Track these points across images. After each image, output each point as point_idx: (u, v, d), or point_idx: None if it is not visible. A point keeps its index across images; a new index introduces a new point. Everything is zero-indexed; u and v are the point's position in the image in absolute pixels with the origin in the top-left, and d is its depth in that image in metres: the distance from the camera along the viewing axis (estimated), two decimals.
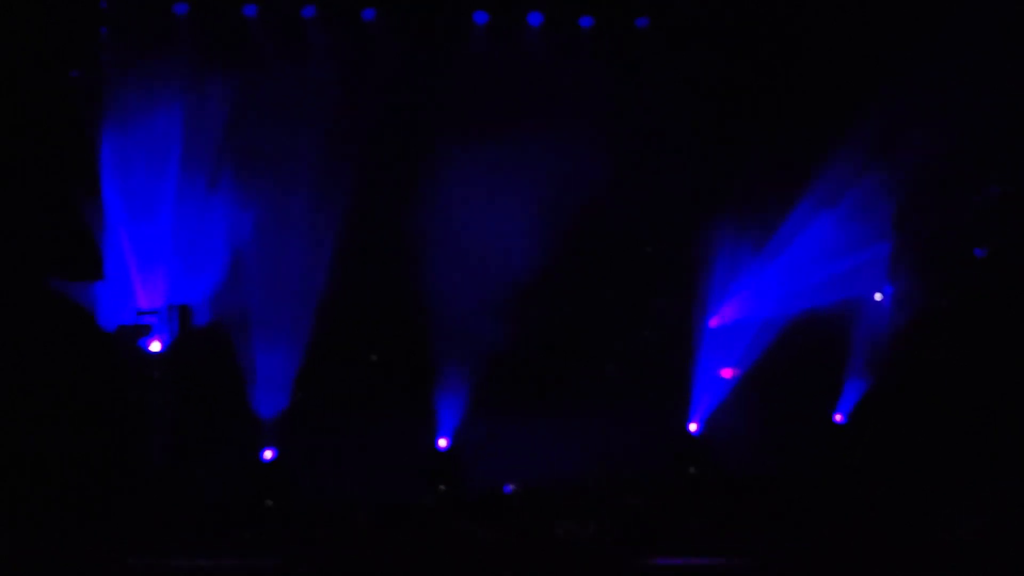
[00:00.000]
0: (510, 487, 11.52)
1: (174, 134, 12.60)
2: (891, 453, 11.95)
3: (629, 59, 13.71)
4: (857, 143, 12.48)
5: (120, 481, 11.11)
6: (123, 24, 12.30)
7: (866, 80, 12.23)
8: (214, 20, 12.90)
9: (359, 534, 10.62)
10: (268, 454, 11.96)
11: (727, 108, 13.23)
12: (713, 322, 13.08)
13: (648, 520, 10.74)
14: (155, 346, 12.13)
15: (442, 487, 11.93)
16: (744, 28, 13.26)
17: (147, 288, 12.52)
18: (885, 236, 12.69)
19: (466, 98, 13.30)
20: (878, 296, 13.04)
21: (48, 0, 11.12)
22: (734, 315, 13.10)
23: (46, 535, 9.81)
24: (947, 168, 12.29)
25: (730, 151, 13.08)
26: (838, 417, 12.80)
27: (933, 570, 9.29)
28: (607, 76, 13.64)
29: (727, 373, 12.90)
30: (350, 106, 13.12)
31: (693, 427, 12.68)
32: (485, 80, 13.47)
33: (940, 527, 9.93)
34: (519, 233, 12.96)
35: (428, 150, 13.18)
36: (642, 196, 13.72)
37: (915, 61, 11.87)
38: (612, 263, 13.93)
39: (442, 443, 12.30)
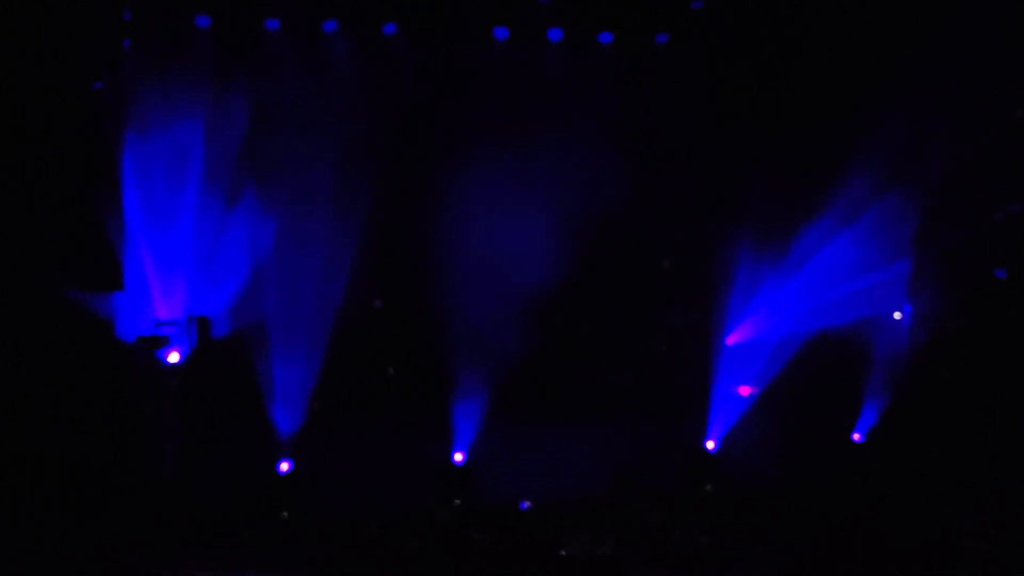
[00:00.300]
0: (526, 504, 11.49)
1: (195, 146, 12.66)
2: (910, 472, 11.86)
3: (649, 75, 13.74)
4: (878, 161, 12.44)
5: (136, 490, 11.13)
6: (146, 36, 12.37)
7: (888, 99, 12.20)
8: (236, 33, 12.97)
9: (374, 547, 10.60)
10: (284, 466, 11.94)
11: (748, 125, 13.23)
12: (731, 339, 13.04)
13: (663, 536, 10.69)
14: (173, 357, 12.16)
15: (457, 501, 11.89)
16: (766, 46, 13.27)
17: (166, 299, 12.56)
18: (905, 255, 12.62)
19: (486, 112, 13.36)
20: (897, 315, 12.96)
21: (73, 12, 11.15)
22: (752, 332, 13.05)
23: (62, 542, 9.83)
24: (968, 187, 12.23)
25: (750, 167, 13.07)
26: (856, 436, 12.72)
27: None
28: (627, 91, 13.69)
29: (745, 390, 12.84)
30: (370, 119, 13.20)
31: (710, 444, 12.62)
32: (505, 94, 13.54)
33: (959, 544, 9.86)
34: (537, 247, 12.98)
35: (447, 164, 13.23)
36: (661, 211, 13.75)
37: (936, 81, 11.84)
38: (630, 277, 13.95)
39: (458, 457, 12.27)
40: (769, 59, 13.24)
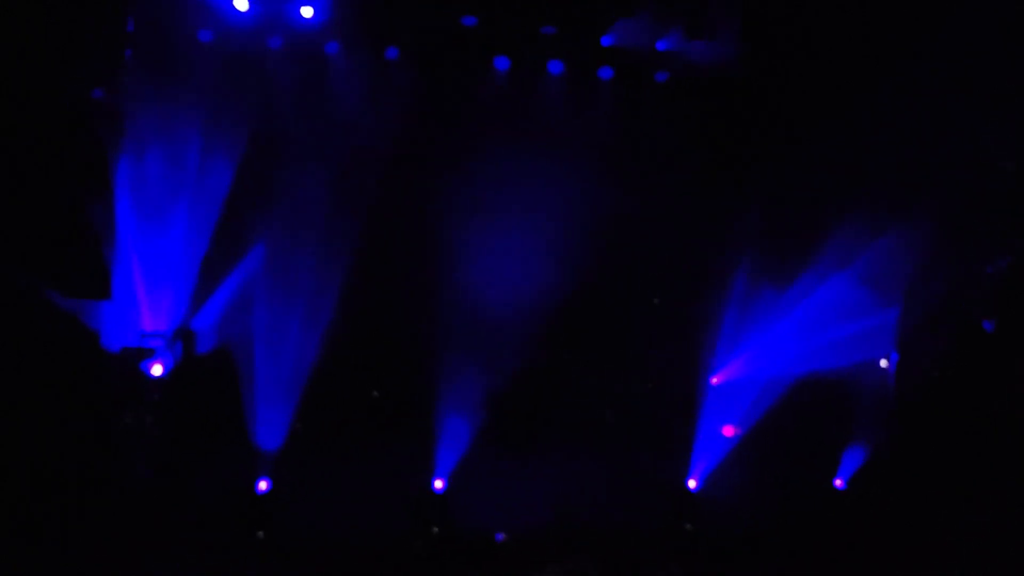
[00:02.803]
0: (501, 536, 11.43)
1: (191, 159, 12.65)
2: (890, 521, 11.84)
3: (647, 111, 13.80)
4: (871, 207, 12.51)
5: (112, 502, 11.02)
6: (148, 48, 12.37)
7: (883, 145, 12.29)
8: (238, 49, 12.97)
9: (348, 571, 10.51)
10: (263, 485, 11.86)
11: (743, 166, 13.30)
12: (716, 379, 13.03)
13: (642, 575, 10.63)
14: (157, 369, 12.08)
15: (435, 529, 11.81)
16: (764, 87, 13.36)
17: (153, 311, 12.50)
18: (894, 303, 12.65)
19: (484, 142, 13.37)
20: (884, 362, 12.98)
21: (75, 21, 11.17)
22: (738, 373, 13.05)
23: (37, 552, 9.72)
24: (958, 239, 12.29)
25: (744, 208, 13.13)
26: (838, 482, 12.70)
27: None
28: (624, 127, 13.73)
29: (728, 431, 12.83)
30: (368, 142, 13.19)
31: (692, 483, 12.58)
32: (503, 126, 13.56)
33: None
34: (528, 281, 12.98)
35: (441, 191, 13.24)
36: (653, 249, 13.77)
37: (934, 129, 11.92)
38: (619, 313, 13.94)
39: (438, 484, 12.19)
40: (768, 102, 13.33)
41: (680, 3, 13.12)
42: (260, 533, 11.42)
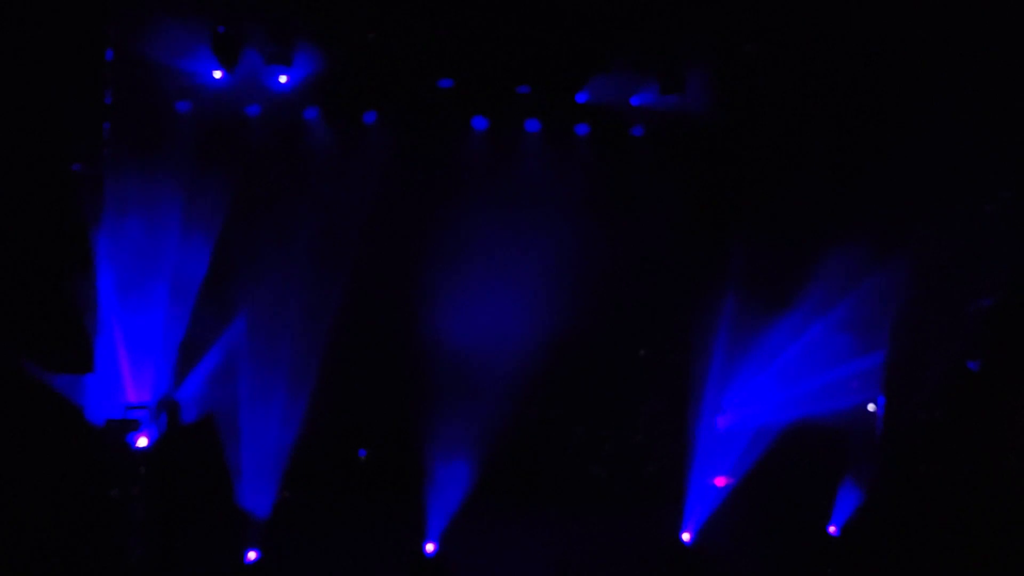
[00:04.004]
0: None
1: (172, 230, 12.64)
2: (885, 565, 11.80)
3: (624, 165, 13.94)
4: (852, 252, 12.60)
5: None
6: (127, 120, 12.40)
7: (865, 190, 12.42)
8: (217, 118, 13.03)
9: None
10: (252, 555, 11.72)
11: (722, 216, 13.42)
12: (720, 422, 13.01)
13: None
14: (142, 442, 11.97)
15: None
16: (740, 138, 13.53)
17: (137, 382, 12.41)
18: (879, 346, 12.71)
19: (464, 201, 13.45)
20: (871, 407, 13.01)
21: (54, 94, 11.21)
22: (728, 422, 13.05)
23: None
24: (942, 280, 12.38)
25: (727, 257, 13.21)
26: (832, 529, 12.66)
27: None
28: (603, 181, 13.86)
29: (720, 481, 12.79)
30: (348, 207, 13.26)
31: (686, 536, 12.51)
32: (483, 184, 13.66)
33: None
34: (513, 337, 13.02)
35: (422, 253, 13.30)
36: (637, 299, 13.84)
37: (914, 172, 12.07)
38: (606, 366, 13.97)
39: (429, 548, 12.08)
40: (743, 152, 13.50)
41: (653, 59, 13.29)
42: None
